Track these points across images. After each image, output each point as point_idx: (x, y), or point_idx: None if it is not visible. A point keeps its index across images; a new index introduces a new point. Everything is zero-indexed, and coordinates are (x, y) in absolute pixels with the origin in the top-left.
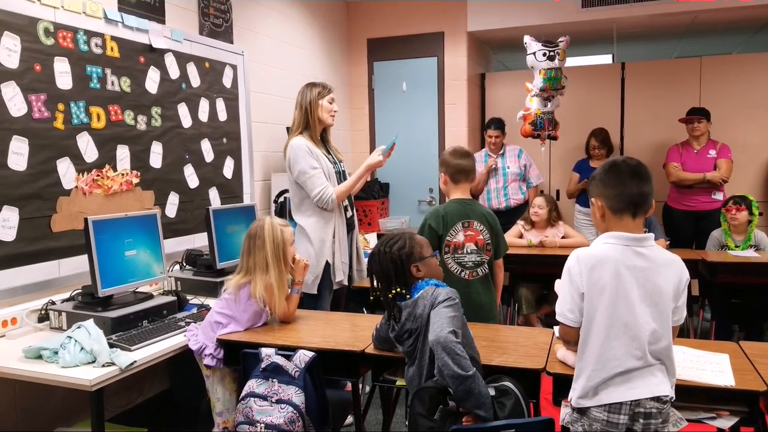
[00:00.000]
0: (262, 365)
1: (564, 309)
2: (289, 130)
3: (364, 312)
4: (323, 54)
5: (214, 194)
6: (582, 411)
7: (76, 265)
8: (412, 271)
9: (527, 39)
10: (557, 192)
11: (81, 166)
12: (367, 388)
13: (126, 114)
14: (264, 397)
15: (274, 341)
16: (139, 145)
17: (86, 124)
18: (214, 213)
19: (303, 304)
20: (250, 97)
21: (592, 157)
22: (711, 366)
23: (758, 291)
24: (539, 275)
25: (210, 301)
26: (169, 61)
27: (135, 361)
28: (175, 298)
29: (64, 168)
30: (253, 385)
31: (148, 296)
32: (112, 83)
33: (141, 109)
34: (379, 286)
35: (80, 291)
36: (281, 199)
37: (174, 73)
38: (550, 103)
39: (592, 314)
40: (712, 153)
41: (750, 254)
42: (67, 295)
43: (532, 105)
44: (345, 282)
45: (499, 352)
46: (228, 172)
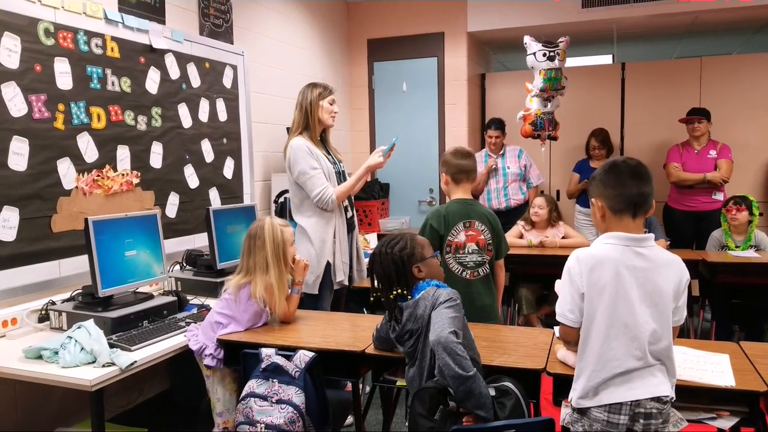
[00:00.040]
0: (263, 365)
1: (564, 309)
2: (289, 130)
3: (364, 312)
4: (323, 54)
5: (214, 194)
6: (582, 411)
7: (77, 266)
8: (414, 272)
9: (527, 39)
10: (557, 192)
11: (81, 167)
12: (368, 389)
13: (126, 114)
14: (264, 398)
15: (275, 341)
16: (140, 146)
17: (86, 124)
18: (215, 213)
19: (303, 305)
20: (250, 98)
21: (592, 157)
22: (711, 366)
23: (758, 291)
24: (539, 275)
25: (210, 302)
26: (170, 62)
27: (135, 362)
28: (176, 299)
29: (65, 168)
30: (253, 386)
31: (149, 296)
32: (113, 83)
33: (141, 110)
34: (380, 287)
35: (80, 291)
36: (281, 200)
37: (174, 73)
38: (550, 104)
39: (592, 314)
40: (713, 153)
41: (750, 254)
42: (67, 296)
43: (532, 105)
44: (345, 282)
45: (500, 353)
46: (228, 172)
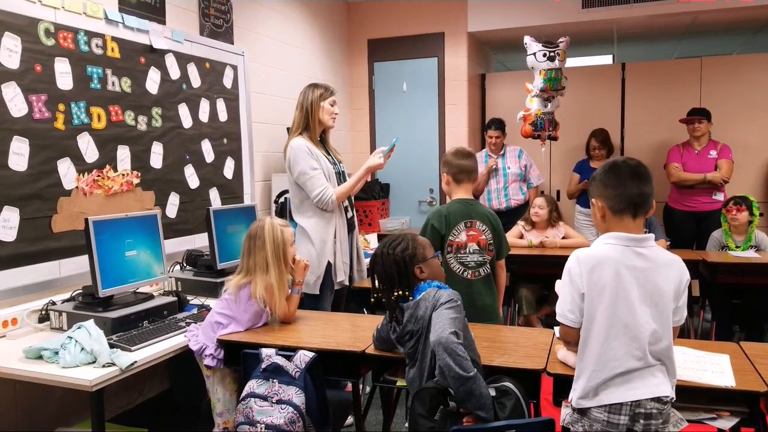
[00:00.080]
0: (263, 366)
1: (564, 309)
2: (289, 130)
3: (365, 312)
4: (324, 54)
5: (214, 194)
6: (582, 411)
7: (77, 266)
8: (416, 273)
9: (527, 39)
10: (557, 192)
11: (81, 167)
12: (368, 389)
13: (126, 114)
14: (264, 398)
15: (275, 342)
16: (140, 146)
17: (87, 124)
18: (215, 213)
19: (304, 305)
20: (250, 98)
21: (592, 157)
22: (711, 366)
23: (759, 291)
24: (539, 276)
25: (210, 302)
26: (170, 62)
27: (135, 362)
28: (176, 299)
29: (65, 168)
30: (253, 386)
31: (149, 297)
32: (113, 84)
33: (141, 110)
34: (381, 288)
35: (81, 291)
36: (282, 200)
37: (174, 73)
38: (551, 104)
39: (593, 315)
40: (713, 153)
41: (750, 255)
42: (67, 296)
43: (532, 105)
44: (346, 282)
45: (500, 353)
46: (228, 172)
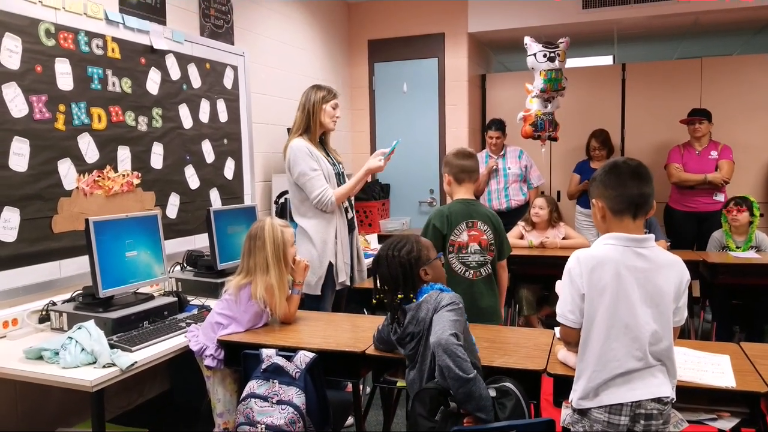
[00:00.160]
0: (263, 366)
1: (564, 310)
2: (290, 130)
3: (365, 313)
4: (324, 55)
5: (214, 195)
6: (583, 412)
7: (77, 266)
8: (421, 275)
9: (528, 40)
10: (558, 193)
11: (82, 167)
12: (368, 389)
13: (127, 115)
14: (265, 398)
15: (275, 342)
16: (140, 146)
17: (87, 125)
18: (215, 214)
19: (305, 305)
20: (250, 98)
21: (592, 158)
22: (712, 367)
23: (759, 292)
24: (540, 276)
25: (211, 302)
26: (170, 62)
27: (136, 362)
28: (176, 299)
29: (65, 169)
30: (253, 386)
31: (149, 297)
32: (113, 84)
33: (142, 110)
34: (384, 290)
35: (81, 292)
36: (282, 200)
37: (175, 74)
38: (551, 105)
39: (593, 315)
40: (714, 154)
41: (751, 255)
42: (67, 296)
43: (532, 106)
44: (348, 282)
45: (500, 353)
46: (229, 173)
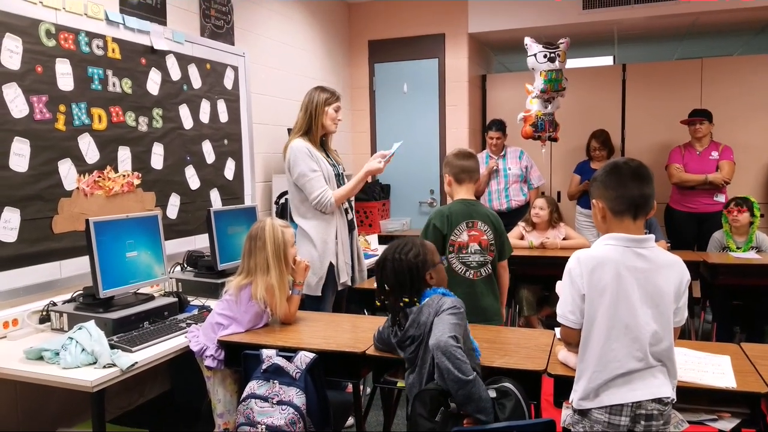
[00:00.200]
0: (263, 366)
1: (565, 310)
2: (290, 131)
3: (365, 313)
4: (324, 56)
5: (215, 195)
6: (583, 412)
7: (78, 267)
8: (426, 279)
9: (528, 41)
10: (558, 193)
11: (82, 168)
12: (368, 390)
13: (127, 115)
14: (265, 399)
15: (275, 342)
16: (141, 147)
17: (87, 125)
18: (215, 214)
19: (306, 306)
20: (251, 99)
21: (592, 158)
22: (712, 368)
23: (759, 293)
24: (540, 277)
25: (211, 303)
26: (171, 63)
27: (136, 363)
28: (176, 300)
29: (66, 169)
30: (254, 387)
31: (149, 297)
32: (114, 84)
33: (142, 111)
34: (387, 292)
35: (81, 292)
36: (282, 201)
37: (175, 74)
38: (551, 105)
39: (593, 316)
40: (714, 155)
41: (751, 256)
42: (68, 297)
43: (532, 106)
44: (349, 282)
45: (501, 354)
46: (229, 173)
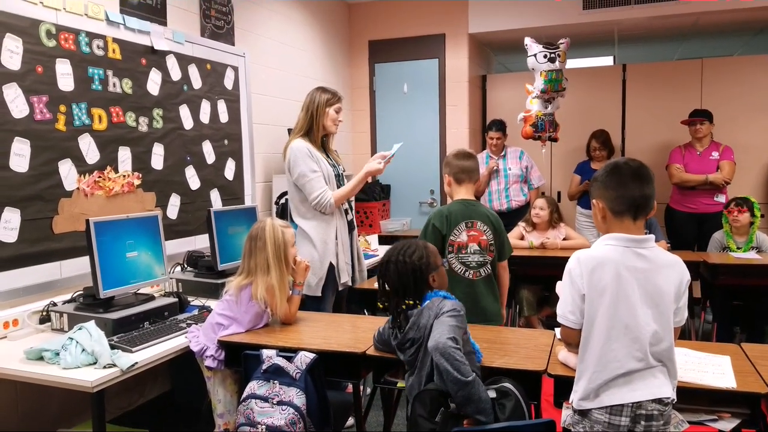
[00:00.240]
0: (263, 367)
1: (565, 311)
2: (291, 131)
3: (365, 313)
4: (324, 56)
5: (215, 196)
6: (583, 413)
7: (78, 267)
8: (429, 281)
9: (528, 41)
10: (558, 194)
11: (82, 168)
12: (368, 390)
13: (127, 115)
14: (265, 399)
15: (276, 343)
16: (141, 147)
17: (88, 125)
18: (216, 214)
19: (306, 306)
20: (251, 99)
21: (593, 158)
22: (712, 368)
23: (760, 293)
24: (540, 277)
25: (211, 303)
26: (171, 63)
27: (136, 363)
28: (177, 300)
29: (66, 169)
30: (254, 387)
31: (150, 298)
32: (114, 85)
33: (142, 111)
34: (389, 294)
35: (81, 292)
36: (282, 201)
37: (175, 74)
38: (551, 105)
39: (593, 316)
40: (715, 155)
41: (752, 256)
42: (68, 297)
43: (532, 107)
44: (350, 283)
45: (501, 354)
46: (229, 173)
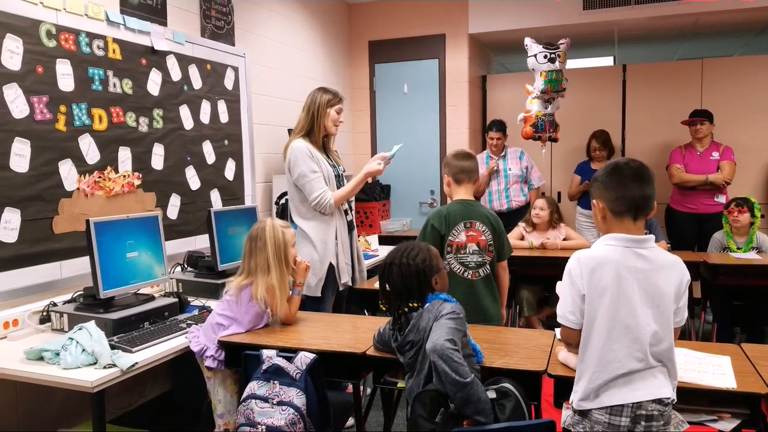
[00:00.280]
0: (264, 367)
1: (565, 311)
2: (291, 131)
3: (365, 314)
4: (325, 56)
5: (215, 196)
6: (583, 413)
7: (78, 267)
8: (432, 284)
9: (528, 41)
10: (558, 194)
11: (83, 168)
12: (368, 390)
13: (128, 116)
14: (265, 399)
15: (276, 343)
16: (141, 147)
17: (88, 125)
18: (216, 215)
19: (306, 307)
20: (251, 99)
21: (593, 159)
22: (713, 368)
23: (760, 293)
24: (540, 277)
25: (211, 303)
26: (171, 63)
27: (136, 363)
28: (177, 300)
29: (66, 170)
30: (254, 387)
31: (150, 298)
32: (114, 85)
33: (143, 111)
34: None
35: (82, 292)
36: (283, 201)
37: (176, 75)
38: (551, 105)
39: (593, 316)
40: (715, 155)
41: (752, 256)
42: (68, 297)
43: (532, 107)
44: (350, 283)
45: (501, 354)
46: (229, 173)
